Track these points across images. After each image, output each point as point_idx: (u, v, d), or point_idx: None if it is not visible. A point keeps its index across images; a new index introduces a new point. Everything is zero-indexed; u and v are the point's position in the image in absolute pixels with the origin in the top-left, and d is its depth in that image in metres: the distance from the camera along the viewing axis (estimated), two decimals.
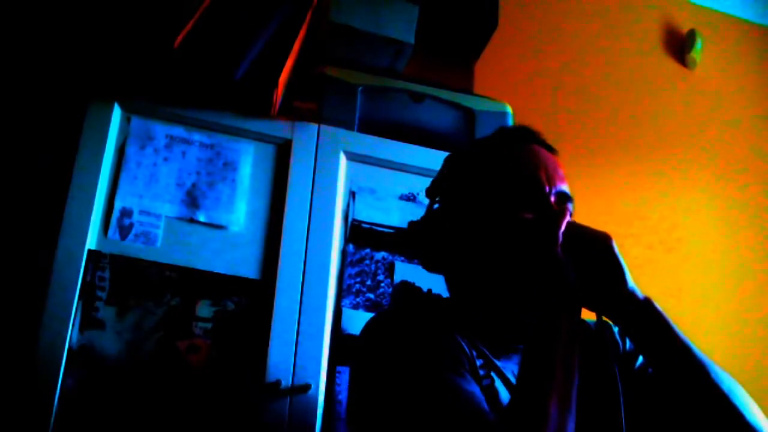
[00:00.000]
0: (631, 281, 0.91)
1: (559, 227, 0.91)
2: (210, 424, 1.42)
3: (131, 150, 1.58)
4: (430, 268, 1.07)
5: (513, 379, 0.94)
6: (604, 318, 0.96)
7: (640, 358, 1.04)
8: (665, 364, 0.90)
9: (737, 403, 0.88)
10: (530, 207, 0.97)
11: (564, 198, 1.00)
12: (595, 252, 0.90)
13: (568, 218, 0.93)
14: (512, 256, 0.94)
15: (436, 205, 1.08)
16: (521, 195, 0.98)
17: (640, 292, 0.91)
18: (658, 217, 2.50)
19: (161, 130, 1.61)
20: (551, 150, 1.07)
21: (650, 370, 1.02)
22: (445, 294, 1.10)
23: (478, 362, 0.92)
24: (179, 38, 1.55)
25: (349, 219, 1.67)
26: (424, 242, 1.06)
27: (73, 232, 1.46)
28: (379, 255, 1.66)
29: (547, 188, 0.99)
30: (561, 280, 0.88)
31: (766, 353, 2.41)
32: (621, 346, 1.01)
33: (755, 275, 2.53)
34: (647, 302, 0.91)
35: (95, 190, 1.50)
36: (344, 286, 1.61)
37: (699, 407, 0.89)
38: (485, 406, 0.83)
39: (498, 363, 0.96)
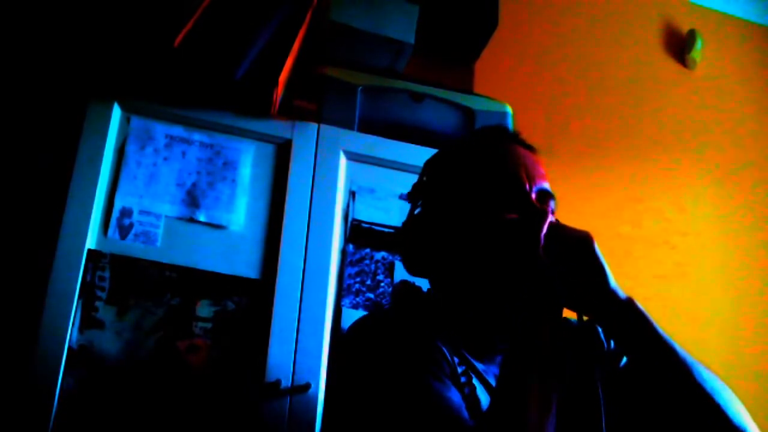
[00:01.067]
0: (613, 281, 0.90)
1: (541, 229, 0.90)
2: (210, 424, 1.42)
3: (131, 150, 1.58)
4: (413, 271, 1.07)
5: (495, 383, 0.94)
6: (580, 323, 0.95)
7: (624, 357, 1.04)
8: (648, 363, 0.90)
9: (721, 402, 0.87)
10: (512, 206, 0.96)
11: (545, 195, 1.00)
12: (577, 252, 0.90)
13: (550, 218, 0.93)
14: (494, 258, 0.94)
15: (417, 209, 1.08)
16: (502, 194, 0.97)
17: (622, 292, 0.91)
18: (658, 216, 2.50)
19: (161, 129, 1.61)
20: (530, 148, 1.06)
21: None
22: None
23: (460, 369, 0.92)
24: (179, 38, 1.55)
25: (349, 219, 1.67)
26: (407, 246, 1.06)
27: (73, 232, 1.46)
28: (379, 255, 1.66)
29: (528, 186, 0.98)
30: (543, 281, 0.88)
31: (766, 352, 2.41)
32: (605, 345, 1.01)
33: (756, 275, 2.53)
34: (629, 302, 0.91)
35: (95, 190, 1.50)
36: (344, 286, 1.61)
37: (682, 407, 0.88)
38: (464, 413, 0.83)
39: (480, 367, 0.96)
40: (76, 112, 1.56)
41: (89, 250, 1.47)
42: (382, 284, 1.64)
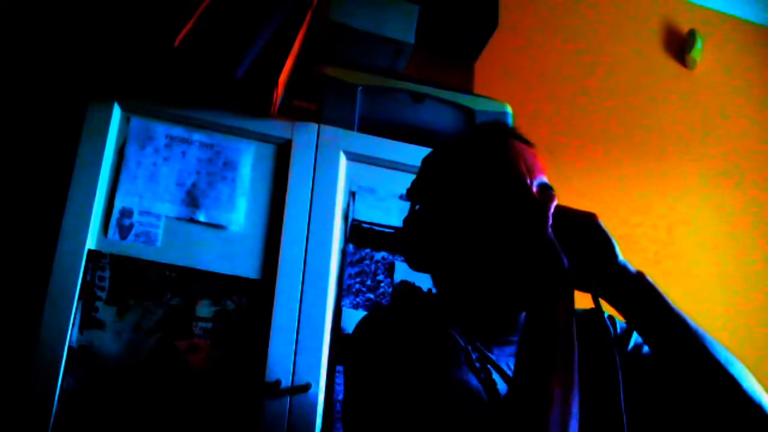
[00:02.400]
0: (621, 256, 0.91)
1: (549, 209, 0.91)
2: (210, 424, 1.42)
3: (131, 150, 1.58)
4: (417, 267, 1.07)
5: (508, 371, 0.94)
6: (594, 304, 0.95)
7: (632, 341, 1.04)
8: (660, 337, 0.90)
9: (735, 373, 0.87)
10: (513, 200, 0.97)
11: (545, 188, 1.00)
12: (583, 230, 0.90)
13: (555, 201, 0.93)
14: (501, 247, 0.94)
15: (417, 206, 1.08)
16: (503, 189, 0.97)
17: (632, 267, 0.91)
18: (658, 216, 2.50)
19: (161, 129, 1.61)
20: (528, 143, 1.06)
21: (644, 350, 1.02)
22: None
23: (474, 355, 0.92)
24: (179, 37, 1.55)
25: (349, 219, 1.67)
26: (409, 243, 1.07)
27: (73, 232, 1.46)
28: (379, 255, 1.66)
29: (528, 180, 0.99)
30: (553, 262, 0.88)
31: (766, 352, 2.41)
32: (612, 332, 1.01)
33: (755, 275, 2.53)
34: (639, 276, 0.91)
35: (95, 190, 1.50)
36: (344, 286, 1.61)
37: (696, 379, 0.88)
38: (484, 396, 0.83)
39: (492, 356, 0.96)
40: (76, 112, 1.56)
41: (89, 251, 1.47)
42: (382, 284, 1.64)
